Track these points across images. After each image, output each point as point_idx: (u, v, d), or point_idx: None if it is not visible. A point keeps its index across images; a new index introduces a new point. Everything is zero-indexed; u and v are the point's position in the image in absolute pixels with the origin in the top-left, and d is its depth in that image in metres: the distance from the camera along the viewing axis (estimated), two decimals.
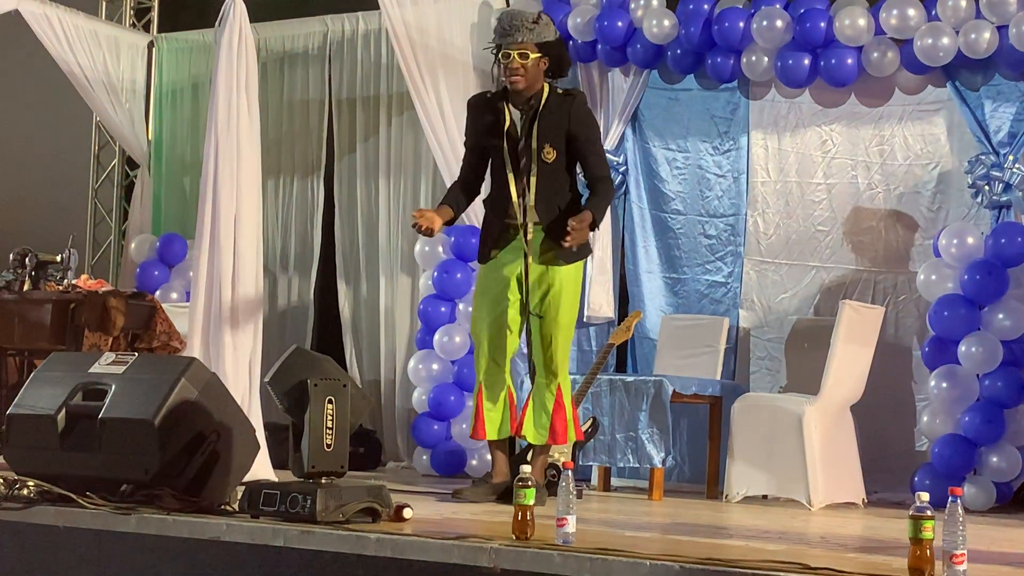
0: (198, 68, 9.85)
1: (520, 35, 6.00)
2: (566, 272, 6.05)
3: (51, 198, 10.35)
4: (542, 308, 6.04)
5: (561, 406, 6.07)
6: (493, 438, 6.13)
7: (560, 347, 6.07)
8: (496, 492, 6.04)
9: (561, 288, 6.04)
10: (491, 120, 6.11)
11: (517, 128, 6.05)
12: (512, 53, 6.00)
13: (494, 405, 6.11)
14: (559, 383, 6.08)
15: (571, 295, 6.09)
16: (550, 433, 6.09)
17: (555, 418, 6.07)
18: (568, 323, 6.11)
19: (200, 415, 5.01)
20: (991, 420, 6.90)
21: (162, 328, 7.49)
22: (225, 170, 6.37)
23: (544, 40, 6.03)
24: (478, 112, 6.19)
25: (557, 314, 6.04)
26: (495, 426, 6.11)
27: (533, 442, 6.16)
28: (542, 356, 6.08)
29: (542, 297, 6.04)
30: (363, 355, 9.09)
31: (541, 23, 6.05)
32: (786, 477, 6.84)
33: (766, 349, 7.89)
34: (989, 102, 7.34)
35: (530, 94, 6.06)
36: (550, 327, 6.05)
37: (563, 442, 6.16)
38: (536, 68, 6.03)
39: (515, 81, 6.01)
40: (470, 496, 6.00)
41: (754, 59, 7.65)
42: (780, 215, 7.94)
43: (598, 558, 3.95)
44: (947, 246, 7.08)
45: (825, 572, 3.71)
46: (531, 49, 6.01)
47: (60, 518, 4.90)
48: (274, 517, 4.65)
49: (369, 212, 9.15)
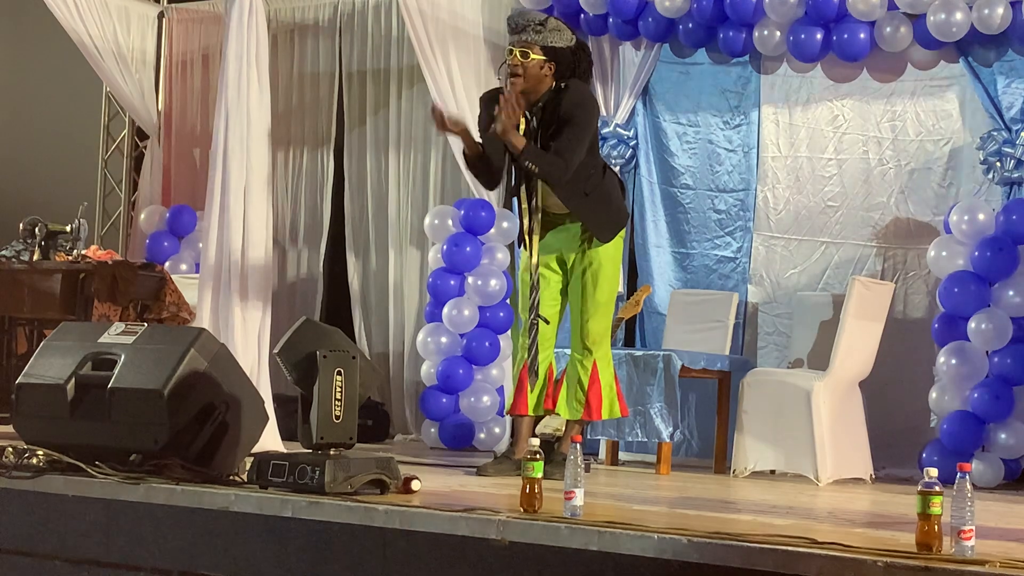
0: (208, 39, 9.82)
1: (524, 35, 5.96)
2: (604, 251, 6.08)
3: (61, 169, 10.35)
4: (581, 287, 6.08)
5: (596, 381, 6.09)
6: (531, 414, 6.14)
7: (597, 323, 6.08)
8: (518, 467, 6.05)
9: (600, 266, 6.07)
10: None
11: (532, 130, 5.99)
12: (514, 50, 5.97)
13: (537, 382, 6.12)
14: (595, 359, 6.09)
15: (610, 272, 6.12)
16: (585, 408, 6.10)
17: (590, 393, 6.09)
18: (607, 300, 6.12)
19: (209, 386, 5.02)
20: (1000, 397, 6.89)
21: (171, 299, 7.50)
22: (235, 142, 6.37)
23: (551, 44, 5.96)
24: (490, 108, 6.13)
25: (595, 291, 6.07)
26: (535, 402, 6.14)
27: (567, 417, 6.17)
28: (579, 332, 6.10)
29: (581, 277, 6.08)
30: (372, 328, 9.09)
31: (548, 27, 5.97)
32: (794, 452, 6.84)
33: (775, 324, 7.89)
34: (1002, 78, 7.31)
35: (536, 97, 5.99)
36: (587, 303, 6.07)
37: (598, 417, 6.16)
38: (537, 70, 5.96)
39: (513, 81, 5.95)
40: (493, 472, 6.00)
41: (766, 33, 7.62)
42: (790, 190, 7.93)
43: (606, 531, 3.95)
44: (958, 222, 7.06)
45: (833, 547, 3.71)
46: (534, 50, 5.95)
47: (69, 487, 4.92)
48: (282, 488, 4.66)
49: (379, 185, 9.14)
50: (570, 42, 6.03)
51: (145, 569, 4.75)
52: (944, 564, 3.51)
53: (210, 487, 4.74)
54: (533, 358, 6.08)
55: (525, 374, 6.11)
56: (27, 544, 5.00)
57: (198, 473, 4.88)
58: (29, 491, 4.98)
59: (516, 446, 6.19)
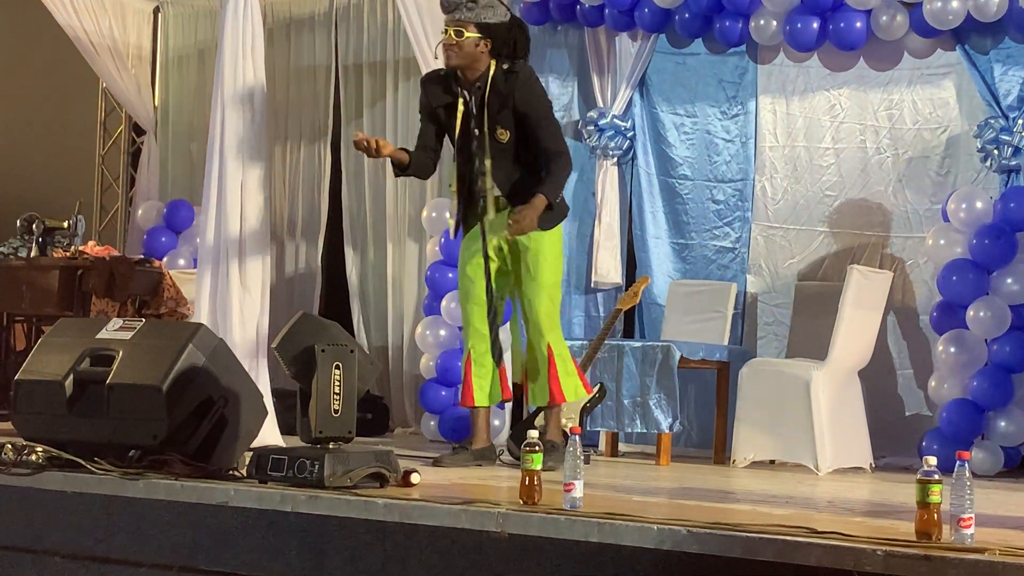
0: (204, 34, 9.81)
1: (458, 12, 5.99)
2: (544, 236, 6.10)
3: (58, 165, 10.34)
4: (524, 272, 6.12)
5: (553, 364, 6.13)
6: (484, 404, 6.18)
7: (545, 307, 6.13)
8: (476, 458, 6.11)
9: (539, 251, 6.10)
10: (446, 101, 6.14)
11: (471, 111, 6.04)
12: (449, 29, 6.01)
13: (483, 372, 6.15)
14: (548, 342, 6.13)
15: (552, 256, 6.16)
16: (550, 394, 6.14)
17: (550, 378, 6.13)
18: (551, 283, 6.17)
19: (208, 381, 5.02)
20: (999, 385, 6.89)
21: (169, 294, 7.50)
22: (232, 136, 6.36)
23: (485, 21, 5.99)
24: (432, 89, 6.20)
25: (539, 275, 6.10)
26: (484, 393, 6.19)
27: (539, 405, 6.23)
28: (529, 319, 6.15)
29: (521, 263, 6.12)
30: (370, 321, 9.09)
31: (480, 3, 5.99)
32: (793, 442, 6.85)
33: (774, 314, 7.88)
34: (999, 66, 7.29)
35: (474, 76, 6.05)
36: (533, 289, 6.11)
37: (562, 400, 6.20)
38: (473, 48, 6.01)
39: (448, 58, 6.03)
40: (450, 463, 6.05)
41: (763, 23, 7.60)
42: (788, 180, 7.92)
43: (605, 522, 3.96)
44: (956, 210, 7.06)
45: (832, 536, 3.72)
46: (468, 28, 5.98)
47: (68, 484, 4.93)
48: (282, 482, 4.66)
49: (376, 178, 9.13)
50: (504, 17, 6.08)
51: (145, 565, 4.75)
52: (943, 552, 3.51)
53: (209, 482, 4.75)
54: (495, 341, 6.16)
55: (469, 365, 6.15)
56: (27, 541, 5.01)
57: (197, 468, 4.88)
58: (28, 488, 4.98)
59: (474, 437, 6.24)
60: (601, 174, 8.20)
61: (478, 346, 6.16)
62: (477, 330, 6.16)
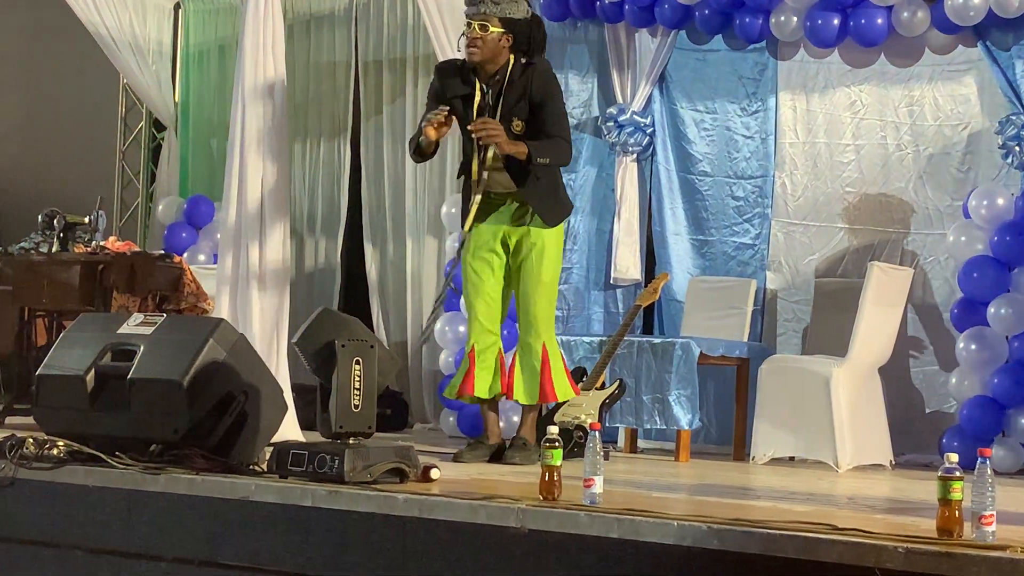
0: (225, 30, 9.83)
1: (483, 7, 6.00)
2: (548, 233, 6.12)
3: (79, 160, 10.38)
4: (524, 269, 6.11)
5: (547, 364, 6.13)
6: (484, 396, 6.17)
7: (542, 306, 6.14)
8: (491, 453, 6.11)
9: (543, 248, 6.10)
10: (462, 92, 6.13)
11: (488, 103, 6.05)
12: (473, 24, 6.01)
13: (485, 365, 6.14)
14: (544, 341, 6.13)
15: (552, 255, 6.16)
16: (540, 393, 6.15)
17: (542, 377, 6.13)
18: (550, 280, 6.17)
19: (228, 376, 5.03)
20: (1020, 382, 6.87)
21: (190, 289, 7.51)
22: (252, 132, 6.38)
23: (509, 16, 6.01)
24: (449, 78, 6.18)
25: (540, 270, 6.10)
26: (486, 384, 6.15)
27: (523, 403, 6.20)
28: (526, 316, 6.15)
29: (524, 258, 6.11)
30: (390, 317, 9.10)
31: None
32: (813, 439, 6.83)
33: (793, 311, 7.86)
34: (1020, 62, 7.26)
35: (493, 69, 6.07)
36: (532, 287, 6.11)
37: (553, 400, 6.22)
38: (496, 43, 6.02)
39: (471, 52, 6.02)
40: (467, 458, 6.03)
41: (783, 19, 7.59)
42: (808, 176, 7.90)
43: (625, 518, 3.95)
44: (977, 207, 7.04)
45: (853, 533, 3.71)
46: (492, 23, 6.00)
47: (90, 478, 4.94)
48: (302, 477, 4.67)
49: (396, 174, 9.14)
50: (526, 14, 6.11)
51: (166, 559, 4.77)
52: (965, 549, 3.50)
53: (230, 477, 4.76)
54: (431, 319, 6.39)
55: (473, 357, 6.12)
56: (48, 535, 5.03)
57: (218, 463, 4.89)
58: (50, 482, 5.00)
59: (487, 431, 6.23)
60: (621, 170, 8.19)
61: (481, 341, 6.14)
62: (482, 324, 6.14)
